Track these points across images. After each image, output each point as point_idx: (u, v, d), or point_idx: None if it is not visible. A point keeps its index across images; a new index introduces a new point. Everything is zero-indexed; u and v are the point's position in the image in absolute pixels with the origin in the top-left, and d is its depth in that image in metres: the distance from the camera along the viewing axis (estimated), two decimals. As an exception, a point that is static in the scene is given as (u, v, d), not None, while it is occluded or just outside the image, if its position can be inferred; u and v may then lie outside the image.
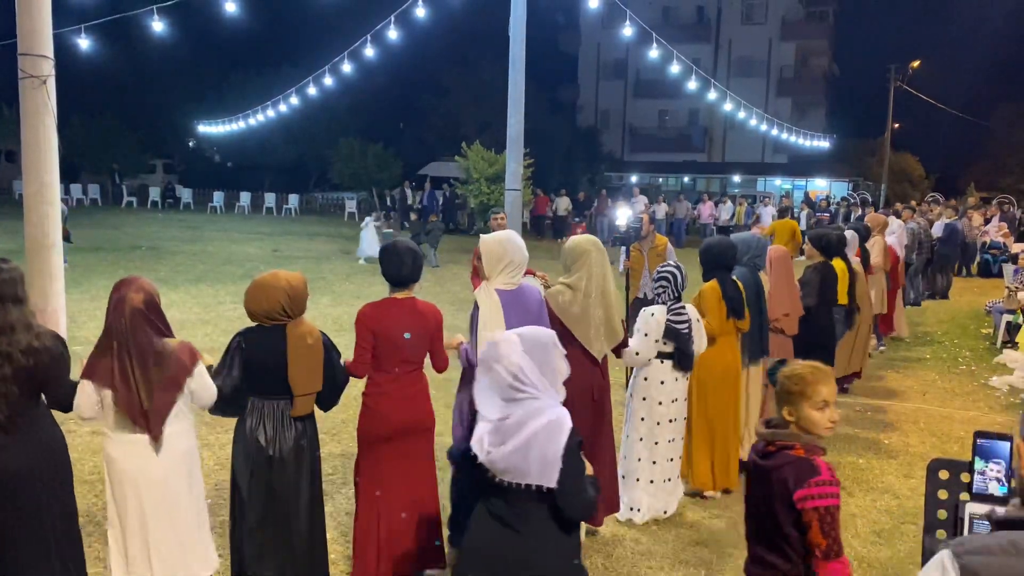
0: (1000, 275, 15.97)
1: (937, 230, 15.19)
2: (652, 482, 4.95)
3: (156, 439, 3.34)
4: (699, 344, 4.95)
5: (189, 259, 17.01)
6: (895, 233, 9.65)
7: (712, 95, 19.55)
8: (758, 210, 24.90)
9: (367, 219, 18.76)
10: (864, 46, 60.56)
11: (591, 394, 4.43)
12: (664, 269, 4.97)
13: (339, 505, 5.03)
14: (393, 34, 13.67)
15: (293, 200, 34.97)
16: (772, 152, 46.49)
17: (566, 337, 4.20)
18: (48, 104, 6.00)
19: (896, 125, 40.98)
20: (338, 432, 6.37)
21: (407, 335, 3.84)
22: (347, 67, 15.83)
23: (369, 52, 14.80)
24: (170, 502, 3.44)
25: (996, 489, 2.16)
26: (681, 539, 4.79)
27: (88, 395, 3.31)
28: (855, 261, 7.64)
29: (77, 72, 26.26)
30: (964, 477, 2.15)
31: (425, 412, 4.01)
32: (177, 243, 19.89)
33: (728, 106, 20.51)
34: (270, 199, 35.04)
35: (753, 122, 22.40)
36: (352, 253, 18.83)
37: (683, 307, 4.86)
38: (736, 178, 45.01)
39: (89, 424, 3.60)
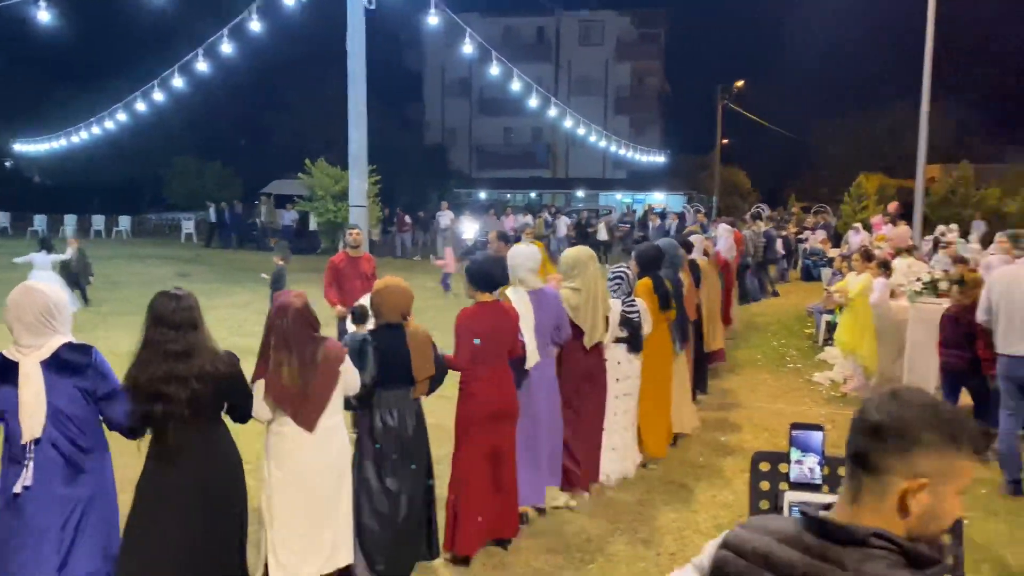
0: (819, 279, 17.25)
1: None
2: (614, 449, 5.80)
3: (310, 430, 3.64)
4: (647, 330, 5.89)
5: (5, 287, 15.60)
6: (723, 238, 10.34)
7: (553, 113, 20.08)
8: (554, 222, 26.74)
9: (33, 256, 11.76)
10: (694, 67, 64.13)
11: (589, 375, 5.43)
12: (618, 269, 5.91)
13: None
14: (227, 48, 13.19)
15: (124, 222, 32.96)
16: (613, 168, 48.30)
17: (572, 329, 5.24)
18: None
19: (725, 141, 43.62)
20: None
21: (477, 341, 4.52)
22: (179, 81, 15.11)
23: (202, 66, 14.20)
24: (328, 493, 3.76)
25: (815, 476, 2.30)
26: (538, 547, 4.84)
27: (261, 396, 3.61)
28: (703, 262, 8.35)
29: None
30: (783, 467, 2.29)
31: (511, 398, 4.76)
32: (-9, 271, 18.22)
33: (569, 123, 21.14)
34: (98, 221, 32.87)
35: (593, 139, 23.21)
36: (191, 275, 17.94)
37: (634, 300, 5.82)
38: (580, 193, 46.37)
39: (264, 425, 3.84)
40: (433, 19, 12.92)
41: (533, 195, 48.44)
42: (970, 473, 1.38)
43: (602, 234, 26.01)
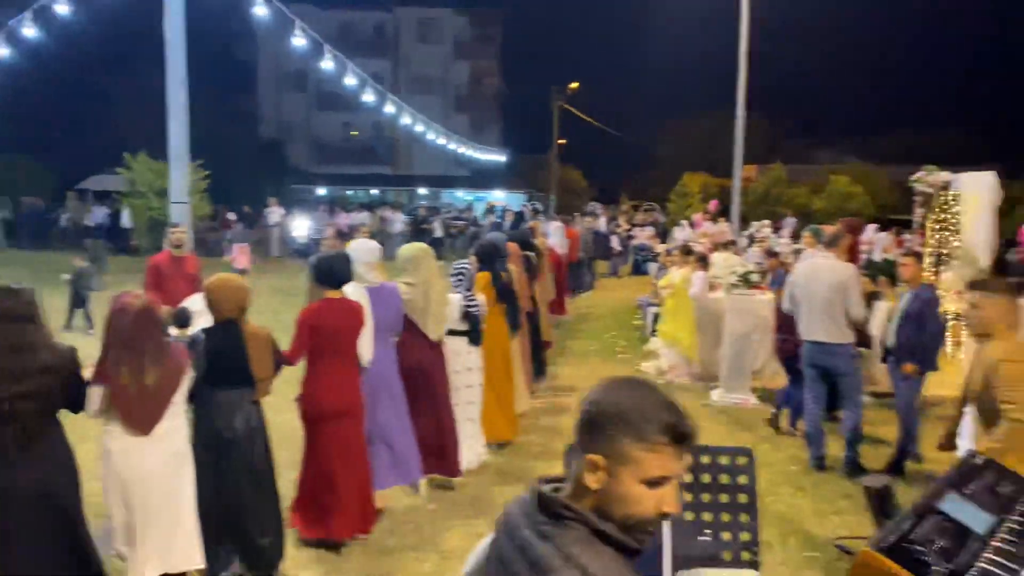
0: (648, 273, 18.06)
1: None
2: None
3: (146, 434, 3.59)
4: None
5: None
6: (556, 234, 10.78)
7: (392, 109, 19.90)
8: (390, 219, 26.91)
9: None
10: (530, 68, 65.33)
11: (428, 369, 5.49)
12: (460, 265, 6.13)
13: None
14: (31, 31, 12.13)
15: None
16: (455, 165, 48.38)
17: (409, 324, 5.32)
18: None
19: (562, 141, 44.77)
20: None
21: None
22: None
23: (3, 52, 12.99)
24: (161, 496, 3.67)
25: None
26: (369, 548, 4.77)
27: (96, 396, 3.54)
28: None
29: None
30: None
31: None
32: None
33: (408, 120, 21.03)
34: None
35: (432, 136, 23.21)
36: (-6, 280, 16.38)
37: (474, 295, 6.00)
38: (422, 190, 46.21)
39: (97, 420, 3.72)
40: (260, 10, 12.46)
41: (375, 192, 47.76)
42: (651, 464, 1.44)
43: (438, 231, 26.29)
